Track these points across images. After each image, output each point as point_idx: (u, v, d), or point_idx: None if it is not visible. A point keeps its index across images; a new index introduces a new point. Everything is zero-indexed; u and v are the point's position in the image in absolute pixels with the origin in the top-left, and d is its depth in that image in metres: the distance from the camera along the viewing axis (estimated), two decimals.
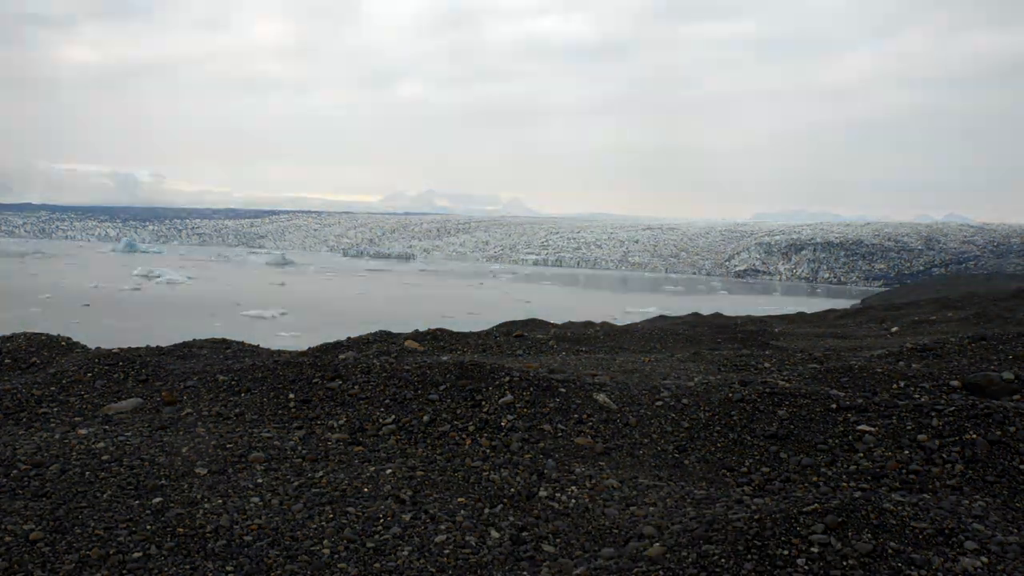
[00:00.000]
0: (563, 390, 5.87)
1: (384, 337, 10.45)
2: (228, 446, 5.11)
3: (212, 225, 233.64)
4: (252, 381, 6.49)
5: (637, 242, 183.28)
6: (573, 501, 4.35)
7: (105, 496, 4.24)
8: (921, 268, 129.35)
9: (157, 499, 4.17)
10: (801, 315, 26.78)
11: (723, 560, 3.32)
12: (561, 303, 58.78)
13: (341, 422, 5.61)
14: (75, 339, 8.88)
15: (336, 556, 3.66)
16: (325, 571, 3.53)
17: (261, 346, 9.86)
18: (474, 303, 57.38)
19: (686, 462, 5.05)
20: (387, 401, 5.82)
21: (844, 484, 4.58)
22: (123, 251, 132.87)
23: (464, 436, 5.24)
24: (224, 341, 9.59)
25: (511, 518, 4.13)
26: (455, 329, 11.43)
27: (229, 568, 3.50)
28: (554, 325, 16.90)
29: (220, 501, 4.17)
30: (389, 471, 4.69)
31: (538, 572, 3.58)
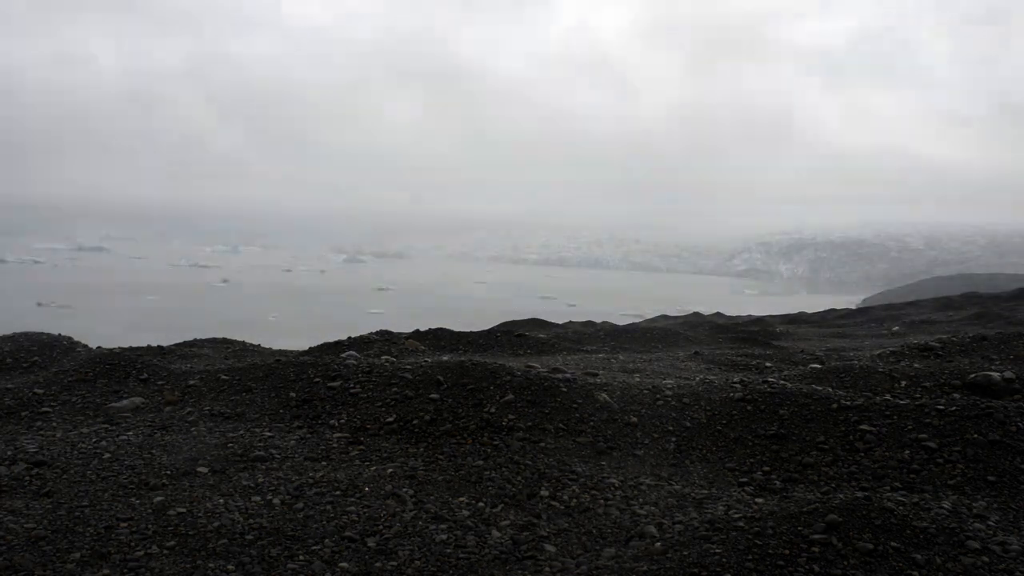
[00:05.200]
0: (564, 389, 5.87)
1: (385, 337, 10.45)
2: (230, 445, 5.11)
3: (212, 225, 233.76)
4: (254, 380, 6.50)
5: (638, 242, 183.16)
6: (574, 500, 4.35)
7: (107, 495, 4.24)
8: (923, 268, 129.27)
9: (159, 498, 4.17)
10: (802, 315, 26.76)
11: (724, 559, 3.32)
12: None
13: (342, 421, 5.61)
14: (76, 339, 8.89)
15: (337, 555, 3.66)
16: (326, 570, 3.53)
17: (262, 345, 9.88)
18: None
19: (687, 461, 5.05)
20: (388, 400, 5.82)
21: (845, 484, 4.58)
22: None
23: (465, 435, 5.24)
24: (226, 340, 9.61)
25: (512, 517, 4.13)
26: (456, 329, 11.43)
27: (231, 567, 3.50)
28: (555, 325, 16.92)
29: (222, 500, 4.17)
30: (390, 470, 4.69)
31: (539, 572, 3.58)
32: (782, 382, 6.33)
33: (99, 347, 8.79)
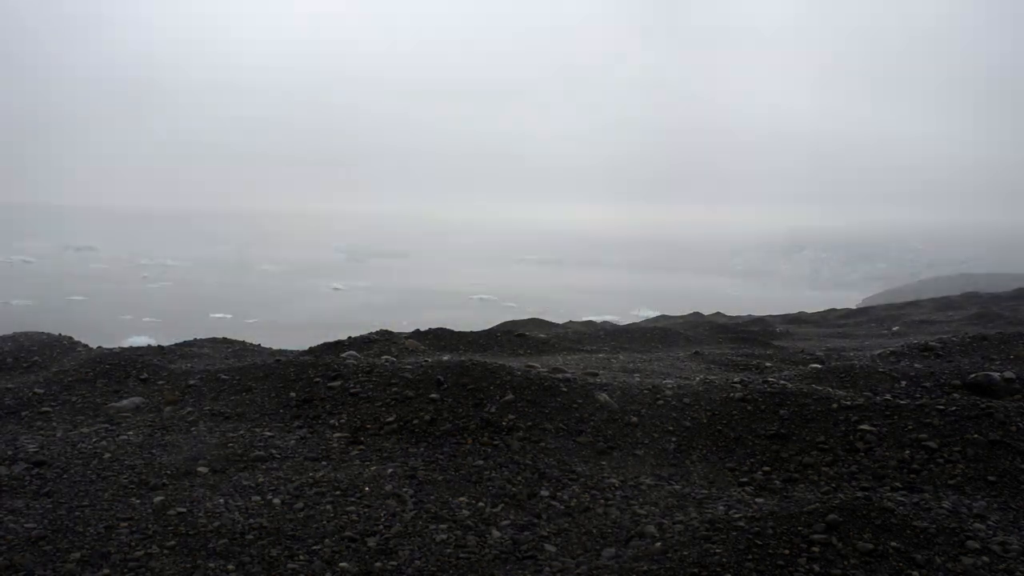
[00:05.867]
0: (564, 389, 5.87)
1: (385, 337, 10.45)
2: (230, 445, 5.11)
3: (215, 226, 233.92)
4: (254, 380, 6.50)
5: (638, 242, 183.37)
6: (574, 500, 4.35)
7: (107, 495, 4.24)
8: (923, 268, 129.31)
9: (159, 498, 4.17)
10: (803, 315, 26.75)
11: (724, 559, 3.32)
12: None
13: (343, 421, 5.61)
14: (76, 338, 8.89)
15: (337, 555, 3.67)
16: (326, 570, 3.53)
17: (262, 345, 9.87)
18: None
19: (687, 461, 5.05)
20: (388, 400, 5.82)
21: (845, 484, 4.58)
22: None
23: (466, 435, 5.24)
24: (226, 340, 9.60)
25: (512, 517, 4.13)
26: (456, 329, 11.43)
27: (231, 567, 3.50)
28: (555, 324, 16.91)
29: (222, 500, 4.17)
30: (390, 470, 4.69)
31: (539, 572, 3.58)
32: (782, 382, 6.33)
33: (99, 347, 8.79)
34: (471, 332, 11.33)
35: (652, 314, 31.41)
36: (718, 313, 26.92)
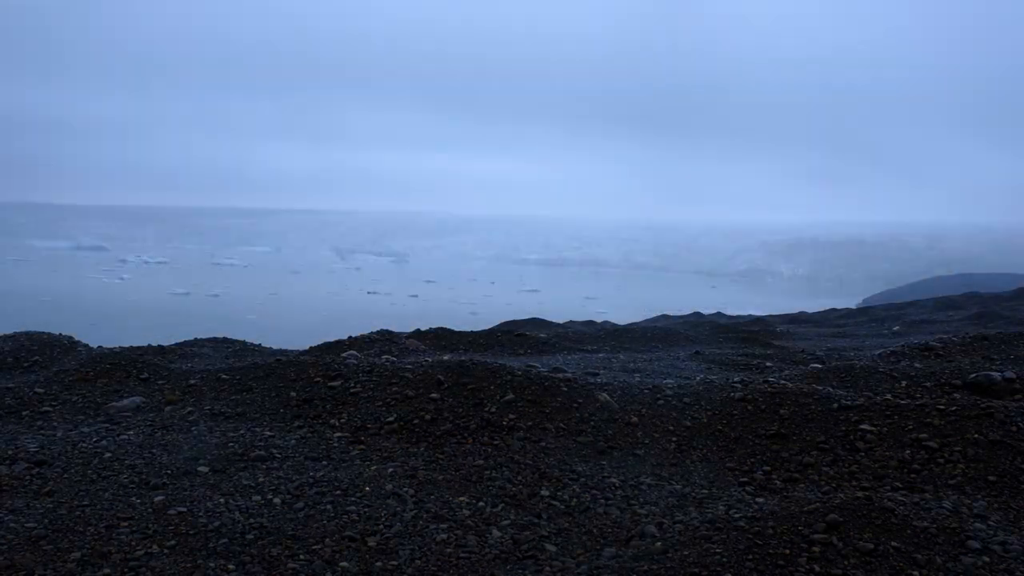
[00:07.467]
0: (565, 389, 5.87)
1: (386, 336, 10.45)
2: (230, 445, 5.11)
3: (213, 224, 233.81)
4: (254, 380, 6.50)
5: (639, 242, 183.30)
6: (575, 500, 4.35)
7: (107, 495, 4.24)
8: (923, 268, 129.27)
9: (159, 497, 4.17)
10: (803, 315, 26.74)
11: (725, 559, 3.33)
12: None
13: (343, 421, 5.62)
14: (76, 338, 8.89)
15: (337, 555, 3.67)
16: (326, 570, 3.53)
17: (263, 344, 9.88)
18: None
19: (688, 461, 5.05)
20: (389, 400, 5.82)
21: (846, 483, 4.58)
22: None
23: (466, 435, 5.24)
24: (226, 340, 9.60)
25: (513, 517, 4.13)
26: (457, 328, 11.44)
27: (231, 567, 3.51)
28: (555, 324, 16.92)
29: (222, 499, 4.17)
30: (391, 470, 4.69)
31: (540, 571, 3.58)
32: (783, 382, 6.33)
33: (100, 347, 8.80)
34: (471, 332, 11.34)
35: (652, 314, 31.47)
36: (718, 313, 26.95)
